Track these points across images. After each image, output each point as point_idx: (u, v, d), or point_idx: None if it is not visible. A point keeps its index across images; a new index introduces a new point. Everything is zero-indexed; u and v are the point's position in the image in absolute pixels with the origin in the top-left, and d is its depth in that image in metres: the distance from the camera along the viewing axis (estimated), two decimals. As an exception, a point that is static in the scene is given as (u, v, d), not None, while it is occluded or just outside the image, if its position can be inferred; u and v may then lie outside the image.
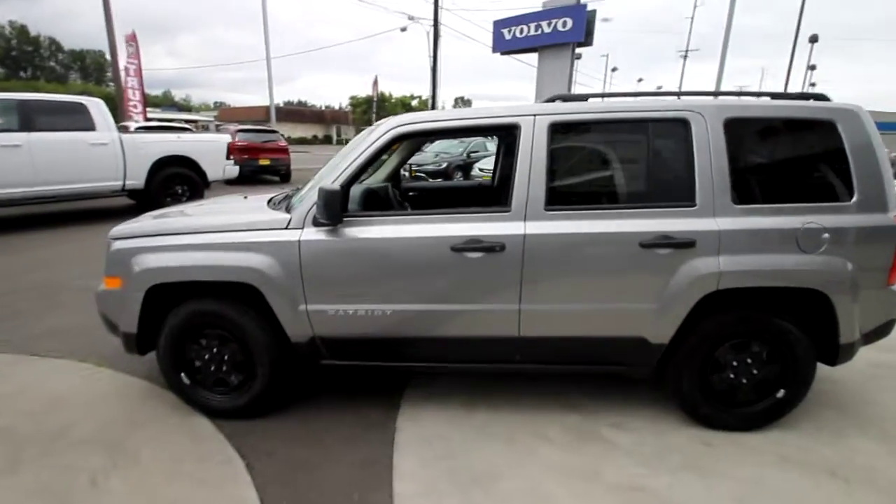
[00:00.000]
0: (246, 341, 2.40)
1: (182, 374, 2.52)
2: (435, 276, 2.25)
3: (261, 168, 13.10)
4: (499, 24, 18.81)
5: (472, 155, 12.62)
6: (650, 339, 2.32)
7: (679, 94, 2.47)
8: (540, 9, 17.72)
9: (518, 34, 17.99)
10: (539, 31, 17.33)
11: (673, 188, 2.26)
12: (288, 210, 2.43)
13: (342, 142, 45.89)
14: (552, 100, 2.38)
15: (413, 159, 9.82)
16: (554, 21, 16.84)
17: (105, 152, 7.27)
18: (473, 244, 2.20)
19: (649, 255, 2.20)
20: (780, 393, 2.41)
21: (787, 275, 2.21)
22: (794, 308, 2.33)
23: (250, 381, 2.47)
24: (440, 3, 21.13)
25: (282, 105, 54.83)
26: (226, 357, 2.46)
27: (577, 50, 17.14)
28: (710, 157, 2.21)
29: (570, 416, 2.59)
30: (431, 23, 21.56)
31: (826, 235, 2.20)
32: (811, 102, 2.32)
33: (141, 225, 2.57)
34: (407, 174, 4.13)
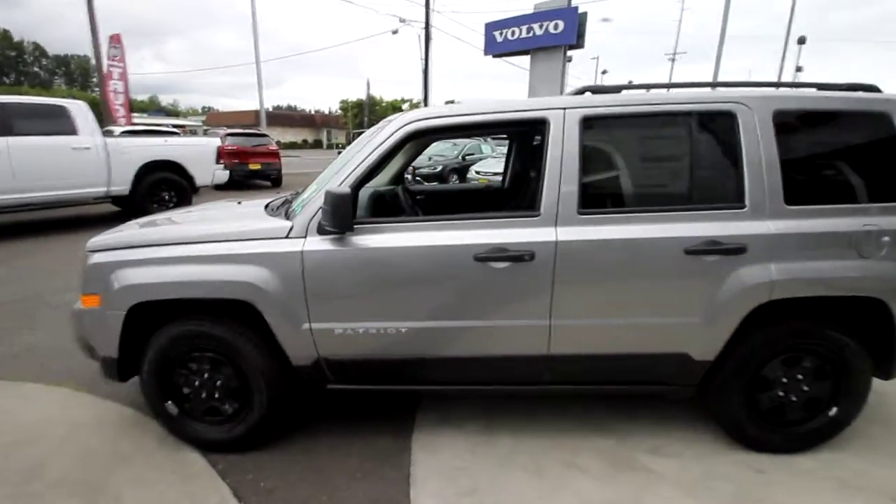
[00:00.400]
0: (241, 365, 2.13)
1: (169, 403, 2.24)
2: (456, 288, 2.01)
3: (251, 172, 12.76)
4: (490, 27, 18.70)
5: (467, 158, 12.41)
6: (694, 355, 2.09)
7: (714, 84, 2.26)
8: (531, 11, 17.71)
9: (510, 36, 17.91)
10: (531, 34, 17.28)
11: (719, 188, 2.04)
12: (288, 217, 2.17)
13: (333, 146, 45.52)
14: (581, 92, 2.16)
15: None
16: (546, 23, 16.79)
17: (88, 157, 6.93)
18: (499, 253, 1.96)
19: (695, 263, 1.97)
20: (833, 411, 2.19)
21: (846, 283, 2.00)
22: (848, 318, 2.12)
23: (246, 410, 2.20)
24: (431, 6, 21.00)
25: (271, 109, 54.35)
26: (218, 383, 2.19)
27: (569, 52, 17.14)
28: (760, 153, 2.00)
29: (602, 440, 2.35)
30: (423, 25, 21.40)
31: (886, 239, 1.99)
32: (863, 94, 2.12)
33: (122, 235, 2.29)
34: (409, 177, 3.91)
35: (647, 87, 2.15)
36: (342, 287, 2.01)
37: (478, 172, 10.52)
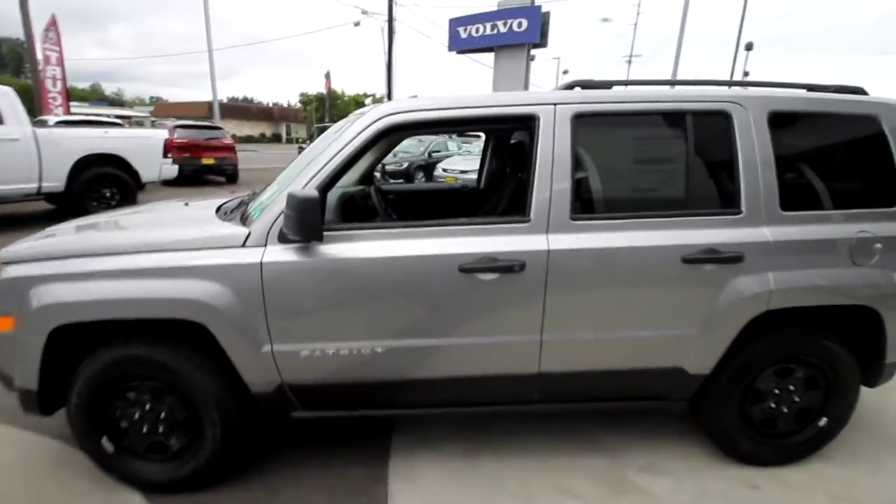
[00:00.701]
0: (190, 394, 1.84)
1: (104, 439, 1.92)
2: (439, 303, 1.80)
3: (204, 168, 12.03)
4: (455, 23, 18.55)
5: (433, 155, 12.18)
6: (689, 369, 1.98)
7: (704, 83, 2.15)
8: (495, 8, 17.69)
9: (474, 33, 17.86)
10: (495, 31, 17.29)
11: (715, 192, 1.93)
12: (244, 222, 1.89)
13: (292, 140, 44.11)
14: (570, 86, 1.99)
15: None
16: (510, 21, 16.83)
17: (15, 149, 6.23)
18: (487, 263, 1.77)
19: (692, 272, 1.86)
20: (823, 421, 2.15)
21: (842, 291, 1.94)
22: (838, 326, 2.08)
23: (197, 445, 1.91)
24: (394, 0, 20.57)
25: (225, 101, 52.01)
26: (163, 415, 1.89)
27: (532, 51, 17.27)
28: (755, 155, 1.90)
29: (591, 458, 2.21)
30: (386, 18, 20.93)
31: (878, 245, 1.94)
32: (853, 96, 2.07)
33: (43, 244, 1.93)
34: (379, 175, 3.65)
35: (639, 83, 2.02)
36: (309, 303, 1.76)
37: (445, 170, 10.33)
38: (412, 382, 1.91)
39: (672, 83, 2.03)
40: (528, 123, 1.88)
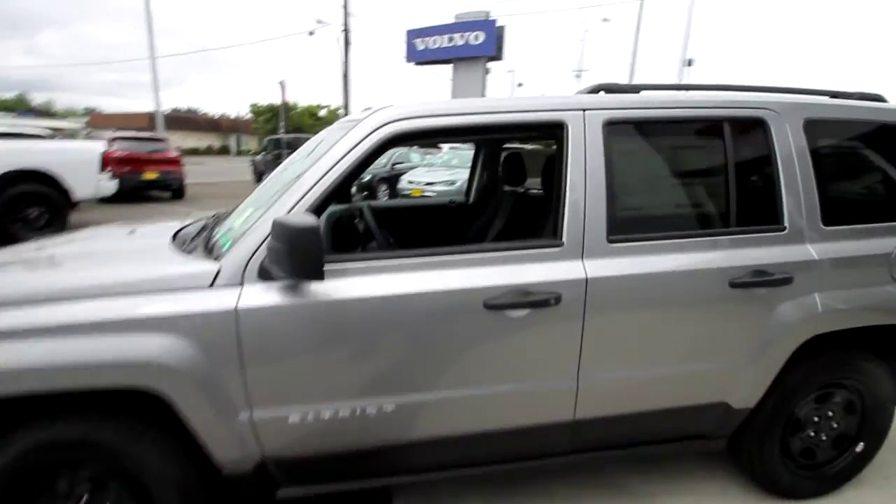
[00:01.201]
0: (143, 480, 1.42)
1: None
2: (461, 347, 1.49)
3: (147, 183, 11.07)
4: (412, 34, 18.45)
5: (396, 166, 11.84)
6: (734, 403, 1.77)
7: (733, 88, 1.95)
8: (452, 21, 17.78)
9: (431, 45, 17.85)
10: (452, 44, 17.36)
11: (756, 207, 1.74)
12: (211, 252, 1.51)
13: (243, 153, 42.38)
14: (595, 90, 1.76)
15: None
16: (466, 34, 16.95)
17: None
18: (518, 298, 1.48)
19: (741, 297, 1.65)
20: (860, 446, 2.00)
21: (886, 309, 1.80)
22: (876, 345, 1.94)
23: (154, 543, 1.49)
24: (349, 10, 20.22)
25: (169, 111, 49.38)
26: (105, 509, 1.46)
27: (488, 64, 17.45)
28: (795, 166, 1.73)
29: (623, 508, 1.95)
30: (342, 28, 20.50)
31: (918, 260, 1.83)
32: (879, 104, 1.96)
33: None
34: (354, 189, 3.30)
35: (666, 87, 1.82)
36: (302, 356, 1.40)
37: (410, 182, 10.03)
38: (426, 443, 1.59)
39: (700, 88, 1.84)
40: (553, 132, 1.62)
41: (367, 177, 10.56)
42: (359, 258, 1.47)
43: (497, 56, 17.17)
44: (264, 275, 1.38)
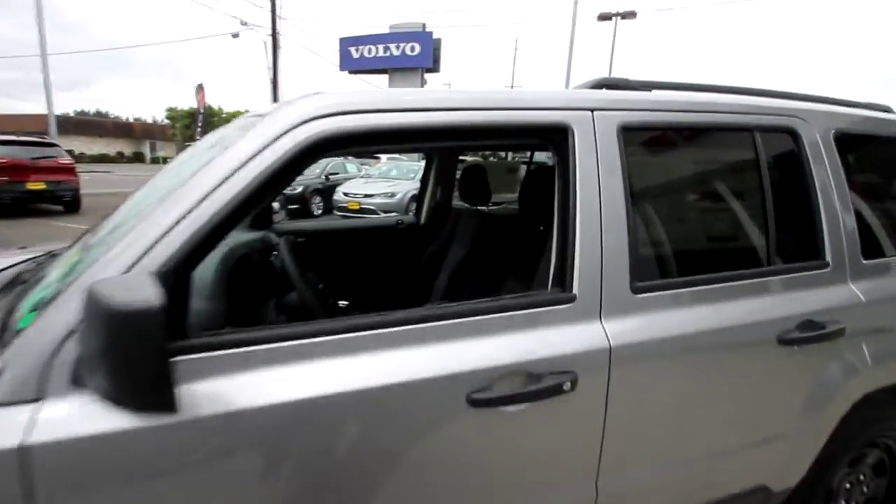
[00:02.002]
0: None
1: None
2: (434, 465, 0.97)
3: (31, 194, 9.45)
4: (346, 42, 17.84)
5: (331, 177, 11.07)
6: (774, 486, 1.40)
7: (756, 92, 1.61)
8: (387, 31, 17.41)
9: (367, 54, 17.37)
10: (388, 53, 17.03)
11: (794, 238, 1.40)
12: (2, 334, 0.88)
13: (158, 160, 38.91)
14: (598, 86, 1.33)
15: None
16: (402, 45, 16.68)
17: None
18: (518, 384, 0.99)
19: (788, 356, 1.28)
20: (888, 512, 1.73)
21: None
22: None
23: None
24: (278, 11, 19.15)
25: (72, 114, 44.33)
26: None
27: (425, 76, 17.24)
28: (831, 187, 1.41)
29: None
30: (269, 31, 19.30)
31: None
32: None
33: None
34: (276, 205, 2.69)
35: (683, 87, 1.43)
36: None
37: (346, 194, 9.35)
38: None
39: (717, 90, 1.48)
40: (552, 138, 1.16)
41: (297, 188, 9.72)
42: (263, 337, 0.89)
43: (434, 68, 16.99)
44: (78, 380, 0.78)
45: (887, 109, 1.79)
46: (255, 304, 1.31)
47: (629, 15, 17.64)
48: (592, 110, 1.16)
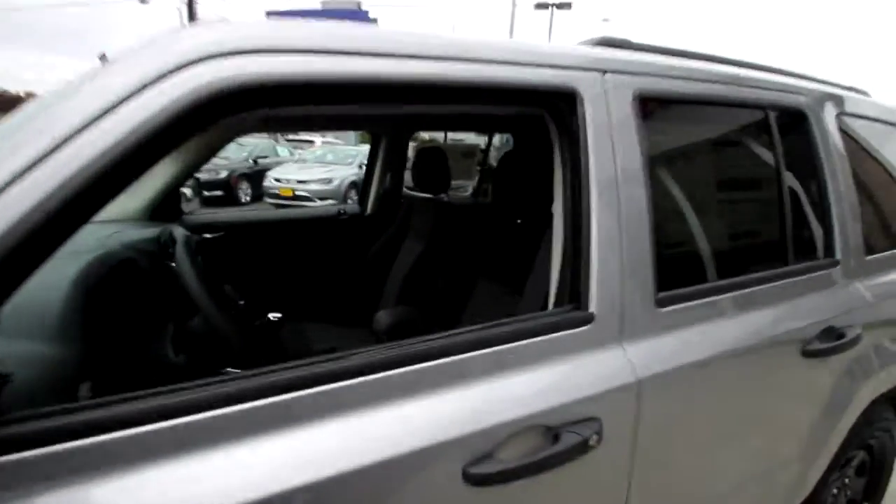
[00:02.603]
0: None
1: None
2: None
3: None
4: (272, 17, 16.54)
5: (259, 161, 10.19)
6: (781, 508, 1.26)
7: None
8: (318, 7, 16.43)
9: (296, 30, 16.29)
10: (321, 30, 16.07)
11: (809, 232, 1.24)
12: None
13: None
14: (604, 45, 1.07)
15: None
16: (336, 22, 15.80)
17: None
18: (533, 447, 0.71)
19: (810, 369, 1.12)
20: (863, 509, 1.69)
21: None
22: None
23: None
24: (194, -24, 17.31)
25: (-59, 85, 37.79)
26: None
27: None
28: (839, 175, 1.27)
29: None
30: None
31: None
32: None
33: None
34: (189, 192, 2.20)
35: (696, 56, 1.20)
36: None
37: (278, 180, 8.64)
38: None
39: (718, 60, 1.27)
40: (554, 106, 0.88)
41: (222, 173, 8.82)
42: (133, 414, 0.52)
43: (373, 50, 16.27)
44: None
45: (864, 93, 1.71)
46: (142, 339, 0.92)
47: (564, 6, 17.94)
48: (604, 72, 0.90)
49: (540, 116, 0.90)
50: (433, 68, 0.75)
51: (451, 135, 4.27)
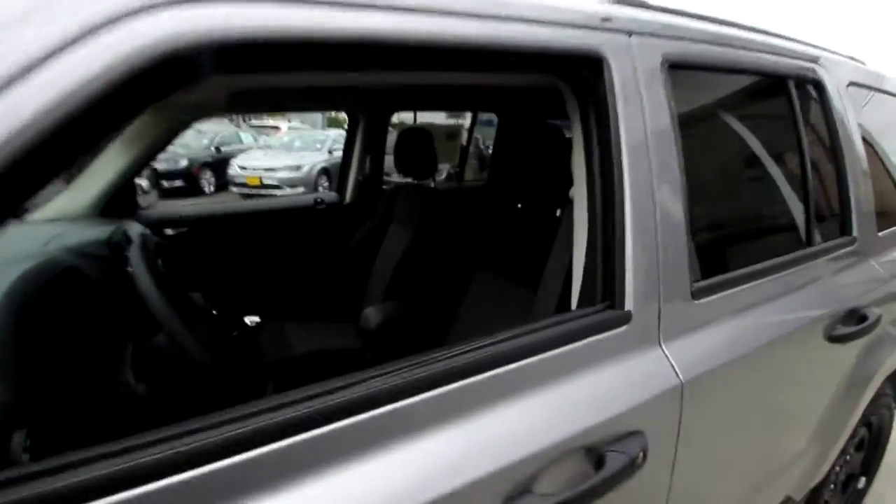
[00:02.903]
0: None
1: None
2: None
3: None
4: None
5: (222, 149, 9.69)
6: (795, 494, 1.22)
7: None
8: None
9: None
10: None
11: (827, 209, 1.18)
12: None
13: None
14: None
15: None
16: None
17: None
18: (569, 477, 0.61)
19: (834, 353, 1.07)
20: (861, 482, 1.70)
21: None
22: None
23: None
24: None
25: None
26: None
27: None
28: (854, 147, 1.21)
29: None
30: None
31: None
32: None
33: None
34: (146, 183, 2.00)
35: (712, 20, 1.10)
36: None
37: (243, 168, 8.25)
38: None
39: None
40: (576, 74, 0.76)
41: (182, 162, 8.35)
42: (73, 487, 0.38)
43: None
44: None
45: (861, 62, 1.67)
46: (94, 366, 0.75)
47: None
48: (629, 33, 0.78)
49: (530, 90, 0.78)
50: (435, 25, 0.61)
51: (421, 118, 4.11)
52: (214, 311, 0.88)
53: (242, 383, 0.81)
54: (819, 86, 1.15)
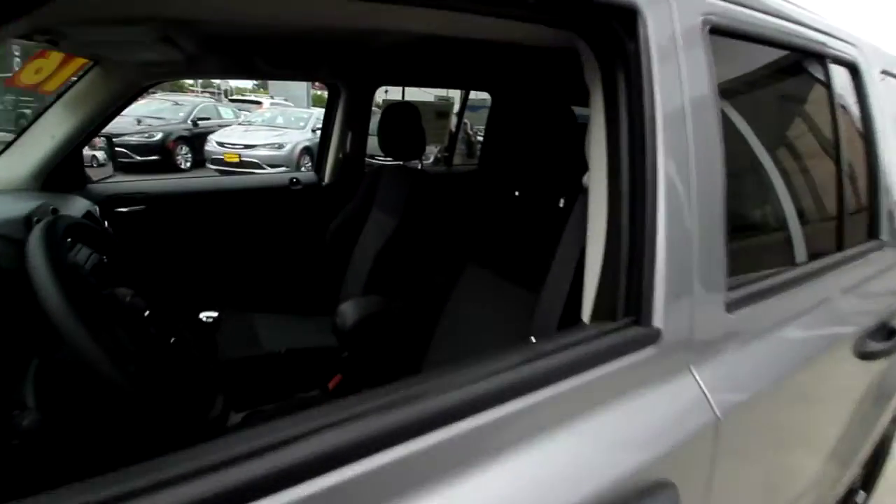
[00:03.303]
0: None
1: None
2: None
3: None
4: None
5: (199, 123, 9.27)
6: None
7: None
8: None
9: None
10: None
11: (856, 206, 1.06)
12: None
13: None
14: None
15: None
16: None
17: None
18: None
19: (864, 370, 0.96)
20: (861, 496, 1.64)
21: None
22: None
23: None
24: None
25: None
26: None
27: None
28: (888, 139, 1.10)
29: None
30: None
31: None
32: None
33: None
34: (104, 154, 1.78)
35: None
36: None
37: (221, 144, 7.90)
38: None
39: None
40: (601, 27, 0.61)
41: (156, 135, 7.96)
42: None
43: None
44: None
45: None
46: None
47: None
48: (666, -9, 0.63)
49: (528, 65, 0.63)
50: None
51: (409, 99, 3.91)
52: (147, 312, 0.71)
53: (174, 404, 0.65)
54: (857, 71, 1.02)
